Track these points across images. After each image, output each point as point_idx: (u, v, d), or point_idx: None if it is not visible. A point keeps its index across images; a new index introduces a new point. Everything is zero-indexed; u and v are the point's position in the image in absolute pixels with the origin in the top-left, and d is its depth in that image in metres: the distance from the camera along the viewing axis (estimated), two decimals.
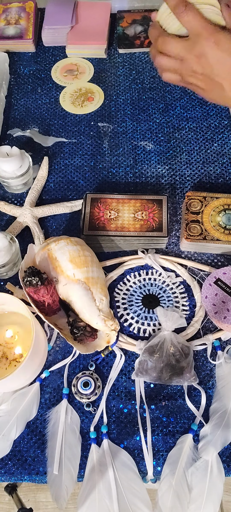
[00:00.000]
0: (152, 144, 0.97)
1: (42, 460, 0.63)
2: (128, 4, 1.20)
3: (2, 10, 1.19)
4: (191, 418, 0.65)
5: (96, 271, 0.72)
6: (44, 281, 0.68)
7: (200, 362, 0.69)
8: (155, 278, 0.77)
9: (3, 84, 1.05)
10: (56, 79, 1.09)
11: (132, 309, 0.75)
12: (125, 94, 1.06)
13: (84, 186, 0.91)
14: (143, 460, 0.62)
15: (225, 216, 0.80)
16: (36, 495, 1.21)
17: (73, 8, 1.17)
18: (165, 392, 0.67)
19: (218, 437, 0.62)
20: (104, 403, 0.66)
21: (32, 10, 1.18)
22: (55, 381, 0.69)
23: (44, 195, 0.90)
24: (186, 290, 0.76)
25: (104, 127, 1.00)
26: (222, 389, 0.66)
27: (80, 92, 1.04)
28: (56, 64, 1.12)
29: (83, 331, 0.68)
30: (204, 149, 0.95)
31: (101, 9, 1.18)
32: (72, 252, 0.71)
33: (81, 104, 1.02)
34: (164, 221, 0.80)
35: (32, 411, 0.66)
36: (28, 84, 1.09)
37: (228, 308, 0.70)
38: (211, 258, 0.79)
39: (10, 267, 0.77)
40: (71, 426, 0.64)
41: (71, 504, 0.61)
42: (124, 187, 0.90)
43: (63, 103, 1.04)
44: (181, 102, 1.04)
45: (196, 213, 0.81)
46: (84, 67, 1.11)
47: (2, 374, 0.67)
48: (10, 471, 0.62)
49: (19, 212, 0.85)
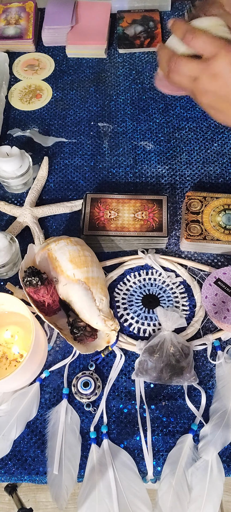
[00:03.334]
0: (152, 144, 0.97)
1: (42, 460, 0.63)
2: (128, 4, 1.20)
3: (2, 10, 1.19)
4: (191, 418, 0.65)
5: (96, 271, 0.72)
6: (44, 281, 0.68)
7: (200, 362, 0.69)
8: (155, 278, 0.77)
9: (3, 84, 1.05)
10: (16, 73, 1.10)
11: (132, 309, 0.75)
12: (125, 94, 1.06)
13: (84, 186, 0.91)
14: (143, 460, 0.62)
15: (225, 216, 0.80)
16: (36, 495, 1.21)
17: (73, 8, 1.17)
18: (165, 392, 0.67)
19: (218, 437, 0.62)
20: (104, 403, 0.66)
21: (32, 10, 1.18)
22: (55, 381, 0.69)
23: (44, 195, 0.90)
24: (186, 290, 0.76)
25: (104, 127, 1.00)
26: (222, 389, 0.66)
27: (29, 89, 1.06)
28: (18, 58, 1.14)
29: (83, 331, 0.68)
30: (204, 149, 0.95)
31: (101, 9, 1.18)
32: (72, 252, 0.71)
33: (29, 101, 1.03)
34: (164, 221, 0.80)
35: (32, 411, 0.66)
36: None
37: (228, 308, 0.70)
38: (211, 258, 0.79)
39: (10, 267, 0.77)
40: (71, 426, 0.64)
41: (71, 504, 0.61)
42: (124, 187, 0.90)
43: (11, 99, 1.05)
44: (181, 102, 1.04)
45: (196, 213, 0.81)
46: (46, 63, 1.12)
47: (2, 374, 0.67)
48: (10, 471, 0.62)
49: (19, 212, 0.85)
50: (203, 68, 0.55)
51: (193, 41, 0.55)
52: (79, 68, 1.11)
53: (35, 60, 1.13)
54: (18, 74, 1.10)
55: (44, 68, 1.11)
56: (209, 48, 0.54)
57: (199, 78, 0.56)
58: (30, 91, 1.05)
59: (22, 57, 1.14)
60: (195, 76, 0.56)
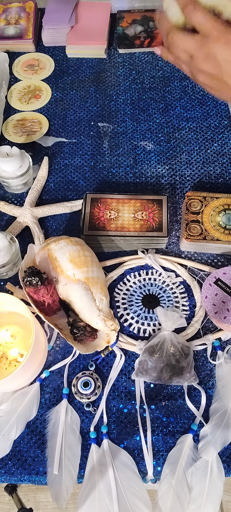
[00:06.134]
0: (152, 144, 0.97)
1: (42, 460, 0.63)
2: (128, 4, 1.20)
3: (2, 10, 1.19)
4: (191, 418, 0.65)
5: (96, 271, 0.72)
6: (44, 281, 0.68)
7: (200, 362, 0.69)
8: (155, 278, 0.77)
9: (3, 84, 1.05)
10: (16, 73, 1.10)
11: (132, 309, 0.75)
12: (125, 94, 1.06)
13: (84, 186, 0.91)
14: (143, 460, 0.62)
15: (225, 216, 0.80)
16: (36, 495, 1.21)
17: (73, 8, 1.17)
18: (165, 392, 0.67)
19: (218, 437, 0.62)
20: (104, 403, 0.66)
21: (32, 10, 1.18)
22: (55, 381, 0.69)
23: (44, 195, 0.90)
24: (186, 290, 0.76)
25: (104, 127, 1.00)
26: (222, 389, 0.66)
27: (28, 89, 1.06)
28: (18, 58, 1.14)
29: (83, 331, 0.68)
30: (204, 149, 0.95)
31: (101, 9, 1.18)
32: (72, 252, 0.71)
33: (28, 101, 1.03)
34: (164, 221, 0.80)
35: (32, 411, 0.66)
36: None
37: (228, 308, 0.70)
38: (211, 258, 0.79)
39: (10, 267, 0.77)
40: (71, 426, 0.64)
41: (71, 504, 0.61)
42: (124, 187, 0.90)
43: (11, 99, 1.05)
44: (181, 102, 1.04)
45: (196, 213, 0.81)
46: (45, 63, 1.12)
47: (2, 374, 0.67)
48: (10, 471, 0.62)
49: (19, 212, 0.85)
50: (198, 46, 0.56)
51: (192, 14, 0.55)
52: (79, 68, 1.11)
53: (35, 60, 1.13)
54: (18, 74, 1.10)
55: (44, 68, 1.11)
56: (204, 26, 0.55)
57: (194, 57, 0.57)
58: (29, 92, 1.05)
59: (22, 57, 1.14)
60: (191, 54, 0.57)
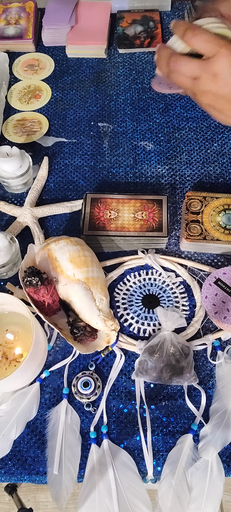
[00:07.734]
0: (152, 144, 0.97)
1: (42, 460, 0.63)
2: (128, 4, 1.20)
3: (2, 10, 1.19)
4: (191, 418, 0.65)
5: (96, 271, 0.72)
6: (44, 281, 0.68)
7: (200, 362, 0.69)
8: (155, 278, 0.77)
9: (3, 84, 1.05)
10: (16, 73, 1.10)
11: (132, 309, 0.75)
12: (125, 94, 1.06)
13: (84, 186, 0.91)
14: (143, 460, 0.62)
15: (225, 216, 0.80)
16: (36, 495, 1.21)
17: (73, 8, 1.17)
18: (165, 392, 0.67)
19: (218, 437, 0.62)
20: (104, 403, 0.66)
21: (32, 10, 1.18)
22: (55, 381, 0.69)
23: (44, 195, 0.90)
24: (186, 290, 0.76)
25: (104, 127, 1.00)
26: (222, 389, 0.66)
27: (28, 89, 1.06)
28: (18, 58, 1.14)
29: (83, 331, 0.68)
30: (204, 149, 0.95)
31: (101, 9, 1.18)
32: (72, 252, 0.71)
33: (28, 101, 1.03)
34: (164, 221, 0.80)
35: (32, 411, 0.66)
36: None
37: (228, 308, 0.70)
38: (211, 258, 0.79)
39: (10, 267, 0.77)
40: (71, 426, 0.64)
41: (71, 504, 0.61)
42: (124, 187, 0.90)
43: (11, 99, 1.05)
44: (181, 102, 1.04)
45: (196, 213, 0.81)
46: (45, 63, 1.12)
47: (2, 374, 0.67)
48: (10, 471, 0.62)
49: (19, 212, 0.85)
50: (203, 67, 0.55)
51: (193, 39, 0.54)
52: (79, 68, 1.11)
53: (35, 60, 1.13)
54: (18, 74, 1.10)
55: (44, 68, 1.11)
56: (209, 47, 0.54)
57: (199, 78, 0.56)
58: (29, 92, 1.05)
59: (22, 57, 1.14)
60: (195, 76, 0.56)
